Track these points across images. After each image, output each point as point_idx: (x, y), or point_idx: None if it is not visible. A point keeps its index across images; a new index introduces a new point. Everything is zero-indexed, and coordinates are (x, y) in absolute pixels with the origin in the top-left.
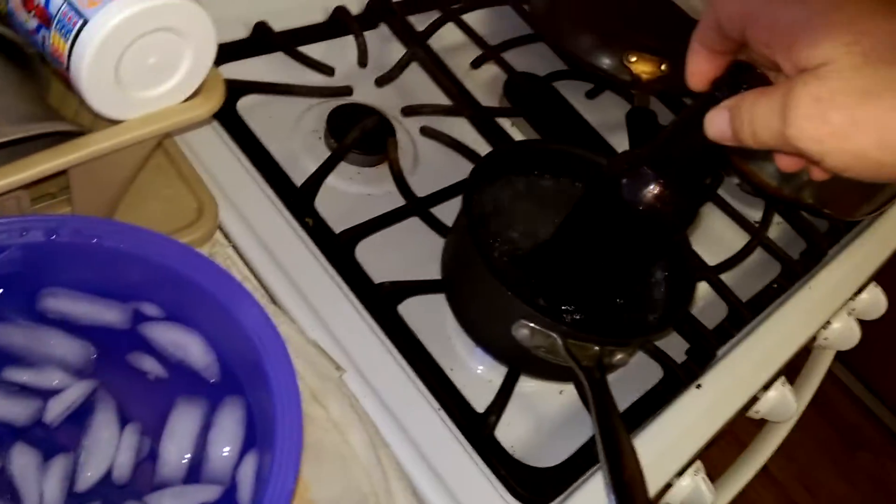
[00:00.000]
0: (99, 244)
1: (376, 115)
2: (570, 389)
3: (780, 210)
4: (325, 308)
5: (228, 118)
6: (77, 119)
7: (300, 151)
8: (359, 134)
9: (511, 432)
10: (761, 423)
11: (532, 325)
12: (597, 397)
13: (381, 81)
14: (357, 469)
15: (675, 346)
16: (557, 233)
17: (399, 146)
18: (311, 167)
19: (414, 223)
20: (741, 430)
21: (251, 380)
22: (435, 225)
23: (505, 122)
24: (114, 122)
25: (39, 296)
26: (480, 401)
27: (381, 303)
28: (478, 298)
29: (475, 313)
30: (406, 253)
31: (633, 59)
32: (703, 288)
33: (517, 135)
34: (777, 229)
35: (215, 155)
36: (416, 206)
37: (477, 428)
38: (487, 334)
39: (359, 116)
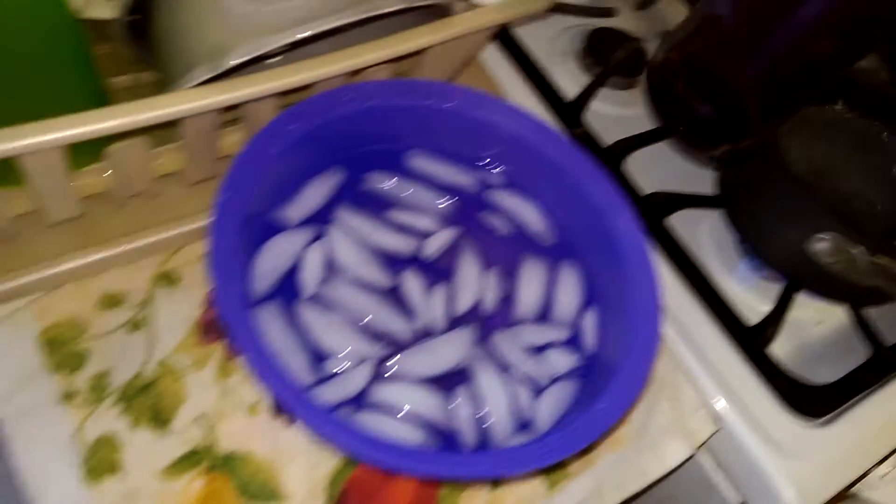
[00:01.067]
0: (456, 110)
1: (636, 39)
2: (828, 321)
3: None
4: None
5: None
6: None
7: (557, 68)
8: (623, 57)
9: (774, 351)
10: None
11: (835, 237)
12: None
13: (640, 6)
14: None
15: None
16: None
17: None
18: (566, 84)
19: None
20: None
21: (593, 246)
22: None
23: None
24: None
25: (407, 155)
26: (749, 315)
27: (650, 213)
28: (772, 210)
29: (764, 226)
30: (668, 171)
31: None
32: None
33: None
34: None
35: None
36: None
37: (751, 339)
38: (774, 247)
39: (617, 40)
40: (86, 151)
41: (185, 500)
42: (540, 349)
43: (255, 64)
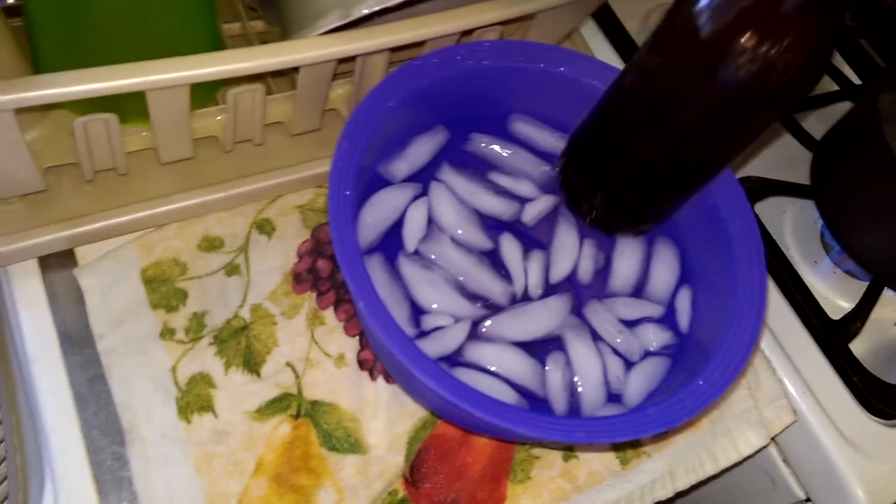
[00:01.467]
0: (567, 75)
1: None
2: None
3: None
4: None
5: None
6: None
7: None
8: None
9: (854, 346)
10: None
11: None
12: None
13: None
14: None
15: None
16: None
17: None
18: None
19: (773, 128)
20: None
21: (696, 225)
22: (796, 131)
23: None
24: None
25: (512, 118)
26: (829, 310)
27: None
28: (869, 202)
29: (858, 218)
30: (762, 156)
31: None
32: None
33: None
34: None
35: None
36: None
37: (833, 335)
38: (867, 241)
39: None
40: (198, 95)
41: (272, 443)
42: (633, 323)
43: (375, 17)
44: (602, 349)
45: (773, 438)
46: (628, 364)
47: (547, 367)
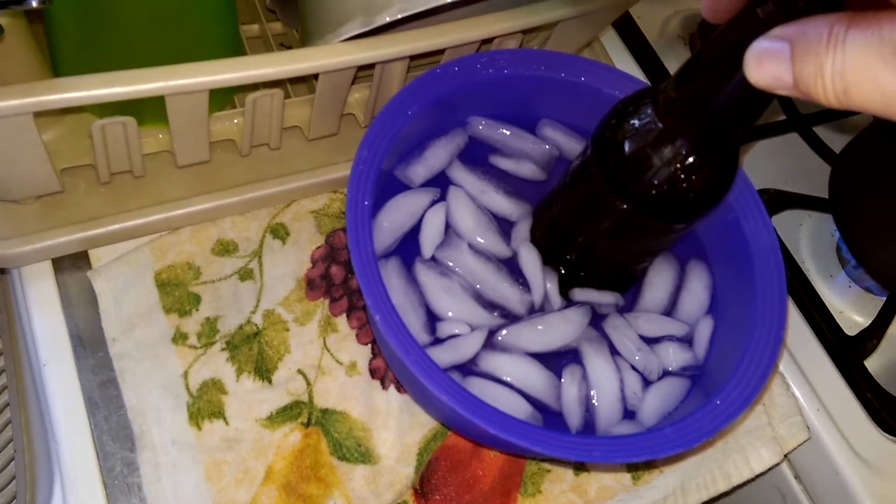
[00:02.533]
0: (589, 84)
1: None
2: None
3: None
4: None
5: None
6: None
7: (667, 52)
8: None
9: (869, 363)
10: None
11: None
12: None
13: None
14: None
15: None
16: None
17: None
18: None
19: (792, 139)
20: None
21: (723, 251)
22: (815, 144)
23: None
24: None
25: (536, 125)
26: (844, 325)
27: None
28: (888, 218)
29: (876, 233)
30: (781, 167)
31: None
32: None
33: None
34: None
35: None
36: (798, 122)
37: (849, 352)
38: (885, 257)
39: None
40: (216, 98)
41: (282, 452)
42: (654, 341)
43: (396, 25)
44: (620, 364)
45: (785, 455)
46: (646, 382)
47: (563, 381)
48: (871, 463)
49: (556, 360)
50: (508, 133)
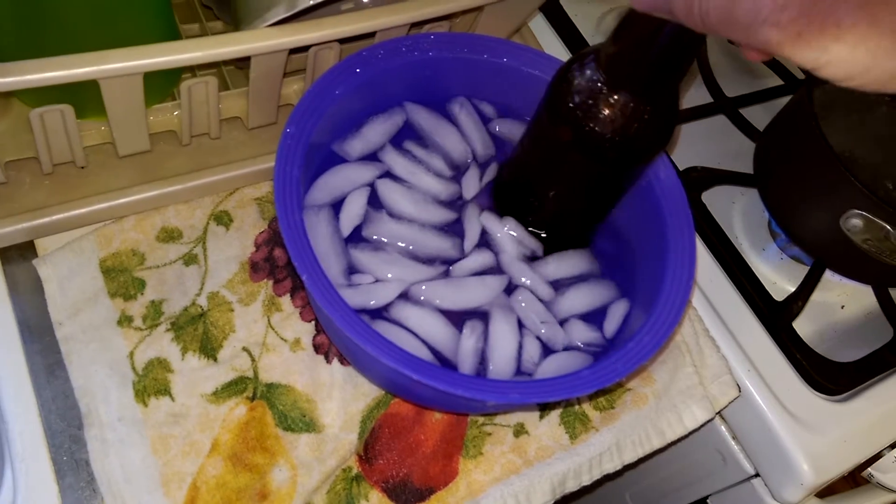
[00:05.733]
0: (511, 66)
1: None
2: (853, 303)
3: None
4: None
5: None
6: None
7: None
8: None
9: (799, 330)
10: None
11: (868, 215)
12: None
13: None
14: None
15: None
16: None
17: (708, 46)
18: None
19: (719, 121)
20: None
21: (639, 223)
22: (741, 124)
23: None
24: None
25: (449, 101)
26: (775, 294)
27: (687, 188)
28: (806, 185)
29: (797, 201)
30: (709, 147)
31: None
32: None
33: None
34: None
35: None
36: (725, 104)
37: (777, 314)
38: (805, 224)
39: None
40: (155, 90)
41: (228, 425)
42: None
43: (323, 8)
44: (524, 331)
45: (719, 413)
46: (548, 351)
47: (463, 332)
48: (802, 419)
49: (460, 317)
50: (434, 124)
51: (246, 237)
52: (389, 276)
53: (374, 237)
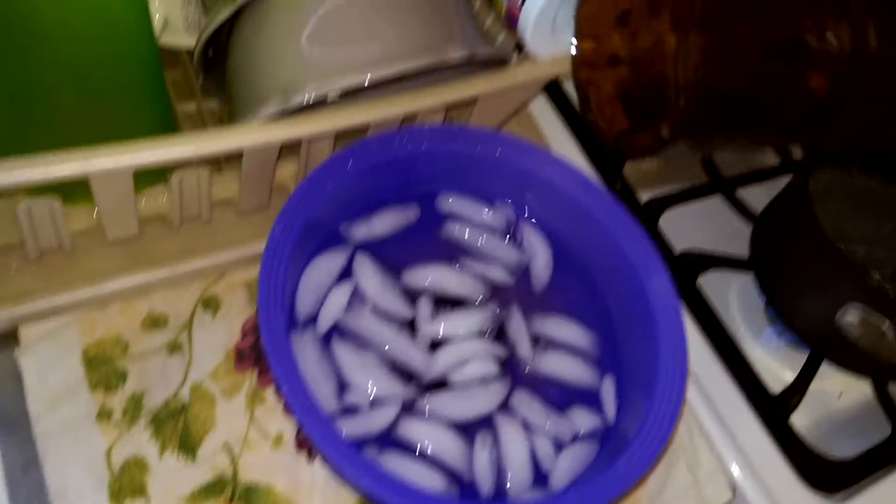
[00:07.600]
0: (503, 157)
1: None
2: (851, 394)
3: None
4: None
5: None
6: None
7: None
8: None
9: (794, 421)
10: None
11: (864, 310)
12: None
13: None
14: None
15: None
16: None
17: None
18: None
19: (716, 203)
20: None
21: (625, 307)
22: (738, 206)
23: None
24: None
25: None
26: (772, 383)
27: (681, 273)
28: (802, 276)
29: (793, 291)
30: (703, 230)
31: None
32: None
33: None
34: None
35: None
36: (722, 185)
37: (773, 409)
38: (801, 314)
39: None
40: (146, 176)
41: None
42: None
43: (322, 104)
44: (533, 430)
45: None
46: (559, 446)
47: (475, 447)
48: None
49: (472, 430)
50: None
51: (233, 323)
52: (367, 388)
53: (354, 329)
